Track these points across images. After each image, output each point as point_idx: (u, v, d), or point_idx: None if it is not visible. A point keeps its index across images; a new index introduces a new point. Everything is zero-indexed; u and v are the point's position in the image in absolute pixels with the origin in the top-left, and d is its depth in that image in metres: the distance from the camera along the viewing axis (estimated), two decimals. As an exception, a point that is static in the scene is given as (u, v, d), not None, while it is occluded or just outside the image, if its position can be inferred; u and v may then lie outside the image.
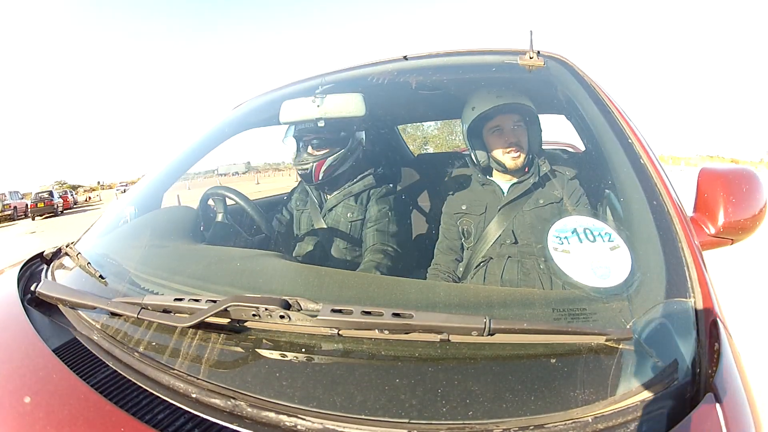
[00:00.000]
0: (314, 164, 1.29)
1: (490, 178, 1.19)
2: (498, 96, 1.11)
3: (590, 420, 0.46)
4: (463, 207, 1.18)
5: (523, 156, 1.12)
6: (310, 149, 1.31)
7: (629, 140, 0.81)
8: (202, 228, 1.28)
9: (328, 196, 1.38)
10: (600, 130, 0.87)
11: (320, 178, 1.30)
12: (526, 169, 1.14)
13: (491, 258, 1.09)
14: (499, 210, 1.12)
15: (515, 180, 1.15)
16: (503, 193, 1.16)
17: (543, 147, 1.17)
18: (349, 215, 1.32)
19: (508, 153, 1.12)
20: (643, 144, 0.81)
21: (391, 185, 1.39)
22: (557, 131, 1.18)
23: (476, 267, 1.10)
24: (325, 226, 1.33)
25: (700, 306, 0.55)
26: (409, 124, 2.87)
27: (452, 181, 1.26)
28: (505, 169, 1.15)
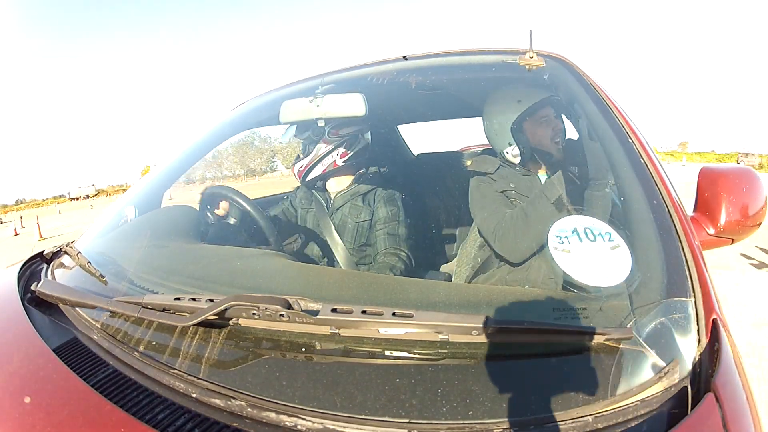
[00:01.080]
0: (293, 166, 1.39)
1: (529, 170, 1.18)
2: (543, 88, 1.13)
3: (590, 420, 0.46)
4: (512, 185, 1.15)
5: (563, 147, 1.13)
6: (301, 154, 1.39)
7: (629, 139, 0.81)
8: (203, 228, 1.28)
9: (333, 195, 1.38)
10: (600, 129, 0.87)
11: (300, 179, 1.39)
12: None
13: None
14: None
15: (547, 174, 1.15)
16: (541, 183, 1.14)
17: None
18: (356, 216, 1.33)
19: (556, 142, 1.13)
20: (643, 143, 0.81)
21: (396, 186, 1.40)
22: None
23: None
24: (332, 226, 1.33)
25: (700, 306, 0.55)
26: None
27: (485, 164, 1.21)
28: (549, 159, 1.14)
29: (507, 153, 1.17)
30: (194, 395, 0.55)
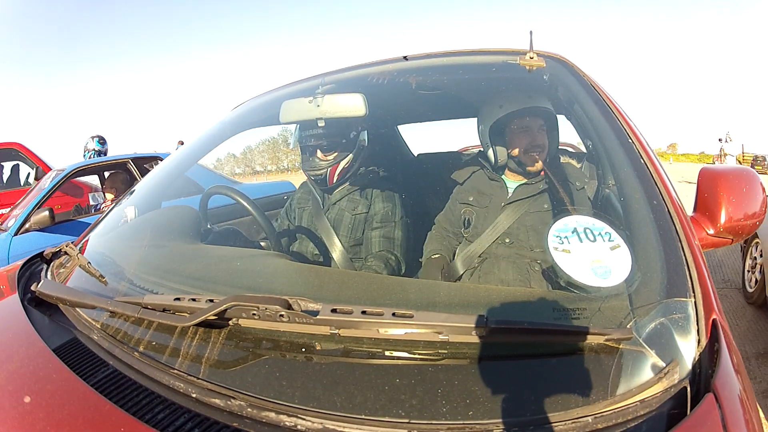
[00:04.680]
0: (329, 169, 1.30)
1: (500, 176, 1.20)
2: (529, 97, 1.13)
3: (590, 420, 0.46)
4: (470, 198, 1.19)
5: (542, 158, 1.13)
6: (319, 154, 1.32)
7: (630, 140, 0.81)
8: (203, 228, 1.28)
9: (332, 193, 1.38)
10: (600, 129, 0.87)
11: (335, 181, 1.32)
12: (541, 173, 1.15)
13: (487, 257, 1.10)
14: (503, 207, 1.12)
15: (524, 181, 1.16)
16: (509, 191, 1.16)
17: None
18: (353, 209, 1.33)
19: (531, 154, 1.13)
20: (643, 143, 0.81)
21: (396, 186, 1.40)
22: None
23: (471, 266, 1.11)
24: (327, 222, 1.33)
25: (700, 306, 0.55)
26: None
27: (463, 173, 1.27)
28: (523, 170, 1.15)
29: (486, 154, 1.21)
30: (194, 395, 0.55)
